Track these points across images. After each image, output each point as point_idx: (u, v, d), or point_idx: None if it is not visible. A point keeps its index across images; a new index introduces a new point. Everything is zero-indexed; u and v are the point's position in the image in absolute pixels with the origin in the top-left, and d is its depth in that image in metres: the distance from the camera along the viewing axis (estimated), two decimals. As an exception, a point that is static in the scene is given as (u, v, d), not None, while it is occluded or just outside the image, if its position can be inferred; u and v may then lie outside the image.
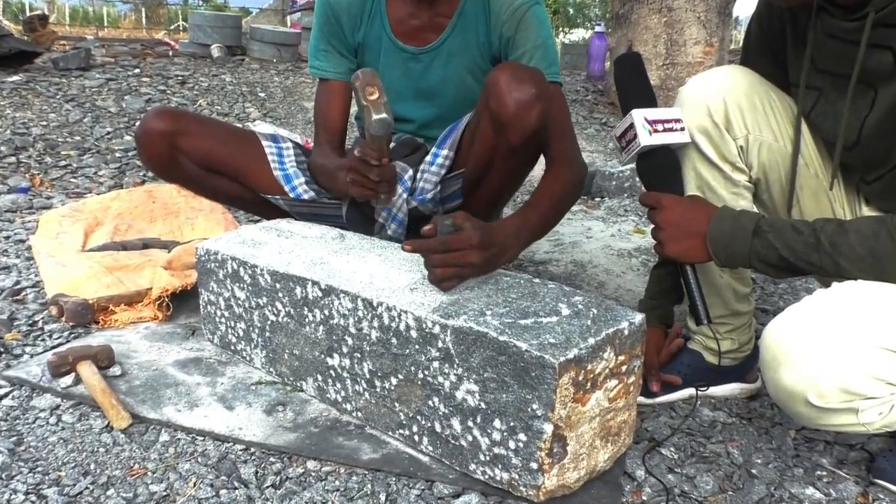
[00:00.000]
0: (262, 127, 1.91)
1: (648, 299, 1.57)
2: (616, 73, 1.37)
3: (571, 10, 19.63)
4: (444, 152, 1.67)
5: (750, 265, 1.22)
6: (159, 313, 1.80)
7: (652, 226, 1.29)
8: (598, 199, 3.30)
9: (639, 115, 1.29)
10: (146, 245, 2.14)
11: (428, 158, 1.70)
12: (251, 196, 1.82)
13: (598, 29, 6.75)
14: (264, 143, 1.81)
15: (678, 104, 1.40)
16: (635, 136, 1.30)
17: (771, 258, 1.18)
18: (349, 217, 1.76)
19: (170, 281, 1.83)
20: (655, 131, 1.30)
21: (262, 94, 4.95)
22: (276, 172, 1.77)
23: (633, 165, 3.39)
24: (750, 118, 1.35)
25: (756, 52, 1.43)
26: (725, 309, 1.51)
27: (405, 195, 1.69)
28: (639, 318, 1.18)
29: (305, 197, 1.75)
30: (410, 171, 1.72)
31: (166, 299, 1.81)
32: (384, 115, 1.34)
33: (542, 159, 1.64)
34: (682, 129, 1.32)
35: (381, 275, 1.36)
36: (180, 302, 1.85)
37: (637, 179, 3.32)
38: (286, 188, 1.76)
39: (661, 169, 1.33)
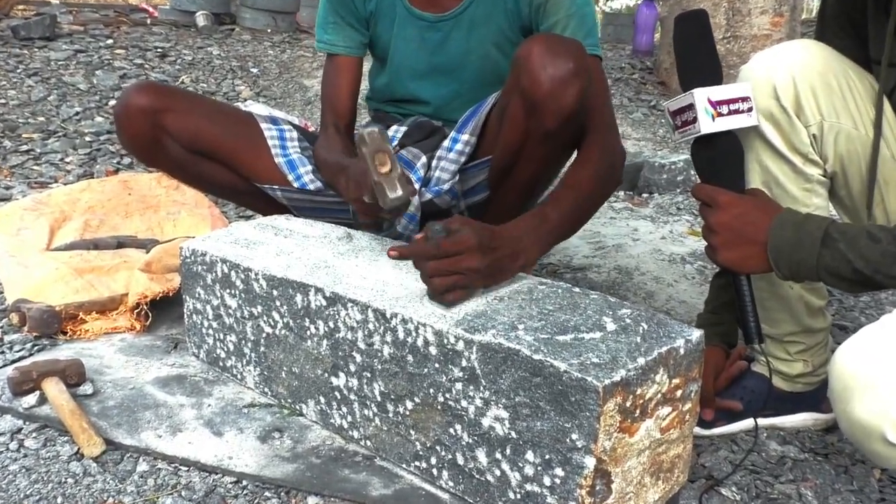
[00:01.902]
0: (255, 108, 1.93)
1: (708, 313, 1.57)
2: (676, 37, 1.33)
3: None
4: (465, 137, 1.68)
5: (818, 278, 1.20)
6: (136, 323, 1.82)
7: (705, 226, 1.28)
8: (645, 196, 3.29)
9: (701, 96, 1.26)
10: (121, 244, 2.17)
11: (446, 144, 1.71)
12: (245, 186, 1.84)
13: (647, -5, 6.73)
14: (263, 125, 1.83)
15: None
16: (695, 119, 1.27)
17: (843, 271, 1.17)
18: (355, 211, 1.77)
19: (149, 286, 1.84)
20: (719, 115, 1.27)
21: (255, 70, 4.99)
22: (278, 159, 1.79)
23: (687, 154, 3.38)
24: (825, 101, 1.35)
25: (833, 25, 1.42)
26: (796, 325, 1.50)
27: (417, 185, 1.70)
28: (696, 334, 1.17)
29: (312, 187, 1.77)
30: (424, 159, 1.73)
31: (145, 307, 1.83)
32: (399, 193, 1.32)
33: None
34: (750, 109, 1.28)
35: (395, 281, 1.36)
36: (161, 310, 1.87)
37: (693, 171, 3.32)
38: (290, 177, 1.77)
39: (720, 159, 1.31)
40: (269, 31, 6.43)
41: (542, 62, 1.45)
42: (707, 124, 1.26)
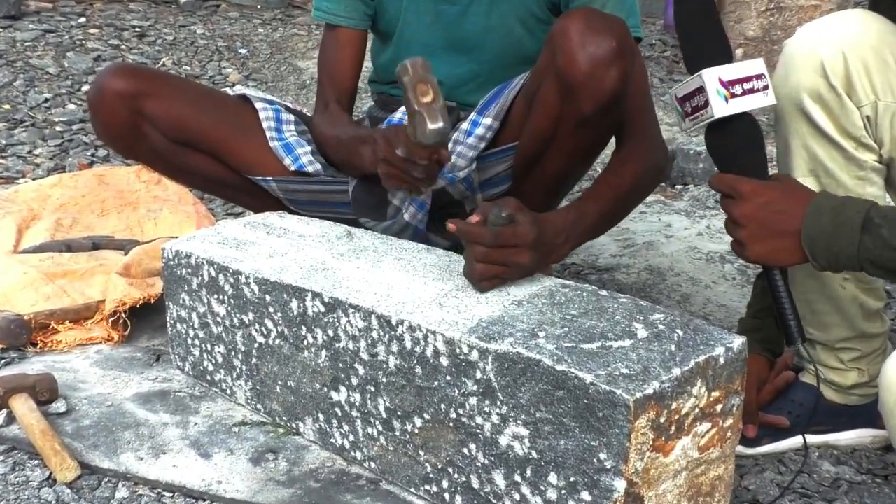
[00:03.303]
0: (245, 92, 1.93)
1: (750, 318, 1.56)
2: (677, 17, 1.34)
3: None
4: (487, 121, 1.68)
5: (861, 269, 1.20)
6: (114, 333, 1.83)
7: (728, 220, 1.28)
8: (679, 188, 3.28)
9: (711, 77, 1.26)
10: (97, 245, 2.17)
11: (464, 126, 1.71)
12: (234, 179, 1.84)
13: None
14: (258, 105, 1.84)
15: (782, 62, 1.39)
16: (706, 102, 1.26)
17: (886, 260, 1.17)
18: (356, 197, 1.78)
19: (127, 291, 1.85)
20: (733, 95, 1.26)
21: (244, 51, 4.99)
22: (273, 143, 1.79)
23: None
24: (879, 79, 1.34)
25: None
26: (850, 330, 1.50)
27: None
28: (738, 342, 1.17)
29: (310, 169, 1.77)
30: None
31: (123, 315, 1.83)
32: (441, 125, 1.37)
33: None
34: (766, 87, 1.28)
35: (401, 284, 1.37)
36: (141, 319, 1.87)
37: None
38: (286, 160, 1.78)
39: (739, 144, 1.31)
40: (258, 7, 6.44)
41: (581, 40, 1.45)
42: (720, 107, 1.26)
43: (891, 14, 1.39)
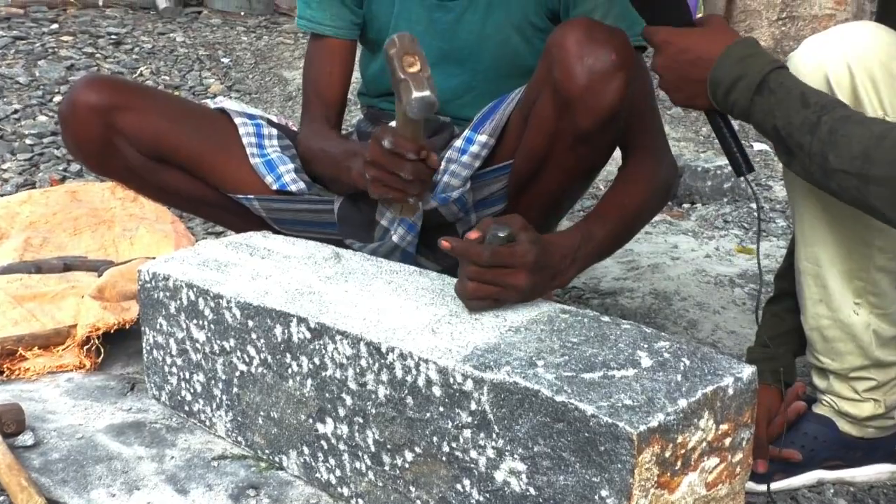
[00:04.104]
0: (226, 105, 1.94)
1: (760, 346, 1.57)
2: None
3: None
4: (483, 138, 1.69)
5: (754, 126, 1.33)
6: (86, 360, 1.83)
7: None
8: (686, 207, 3.30)
9: None
10: (68, 266, 2.18)
11: (458, 144, 1.72)
12: (214, 197, 1.85)
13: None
14: (237, 119, 1.85)
15: None
16: None
17: (766, 126, 1.29)
18: (342, 216, 1.78)
19: (101, 316, 1.85)
20: None
21: (226, 60, 5.01)
22: (254, 160, 1.80)
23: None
24: (888, 93, 1.36)
25: None
26: (865, 358, 1.50)
27: None
28: (747, 371, 1.18)
29: (293, 188, 1.78)
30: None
31: (96, 341, 1.83)
32: (427, 93, 1.38)
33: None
34: None
35: (391, 309, 1.37)
36: (115, 345, 1.88)
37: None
38: (268, 178, 1.78)
39: None
40: (242, 13, 6.47)
41: (578, 52, 1.47)
42: None
43: None
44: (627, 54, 1.48)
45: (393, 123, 1.82)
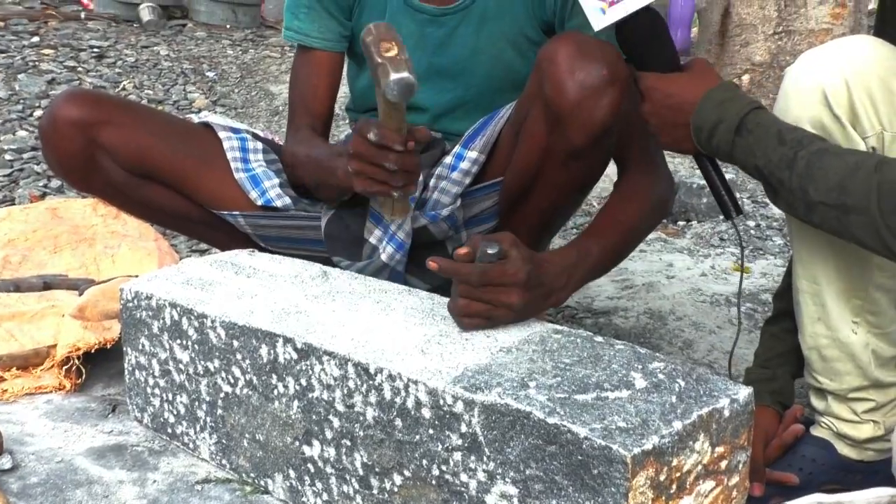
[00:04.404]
0: (211, 118, 1.94)
1: (758, 367, 1.57)
2: None
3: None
4: (473, 154, 1.70)
5: (736, 165, 1.37)
6: (66, 381, 1.82)
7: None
8: (681, 224, 3.31)
9: None
10: (48, 284, 2.17)
11: (448, 160, 1.72)
12: (198, 214, 1.85)
13: (681, -18, 6.80)
14: (221, 134, 1.85)
15: (783, 90, 1.43)
16: None
17: (748, 166, 1.34)
18: (329, 233, 1.78)
19: (82, 336, 1.85)
20: (613, 3, 1.41)
21: (211, 74, 5.03)
22: (238, 175, 1.80)
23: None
24: (885, 109, 1.37)
25: (895, 20, 1.44)
26: (863, 378, 1.51)
27: (411, 208, 1.71)
28: (744, 393, 1.18)
29: (278, 203, 1.78)
30: (420, 176, 1.75)
31: (76, 361, 1.83)
32: (405, 74, 1.39)
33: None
34: None
35: (380, 329, 1.37)
36: (96, 365, 1.87)
37: (741, 183, 3.34)
38: (252, 194, 1.79)
39: (637, 40, 1.46)
40: (227, 26, 6.48)
41: (569, 66, 1.48)
42: (598, 19, 1.42)
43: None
44: (619, 69, 1.49)
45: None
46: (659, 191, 1.65)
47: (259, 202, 1.78)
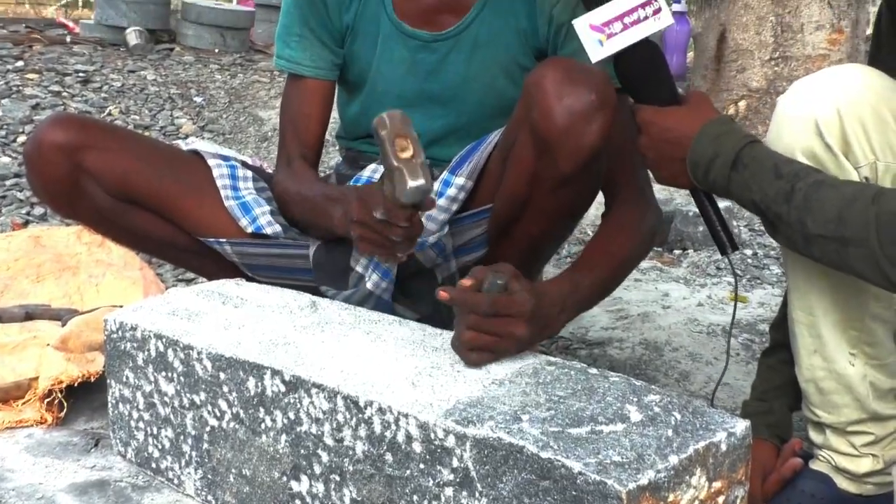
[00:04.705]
0: (199, 145, 1.95)
1: (755, 400, 1.58)
2: None
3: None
4: (460, 181, 1.70)
5: (736, 201, 1.38)
6: (48, 415, 1.81)
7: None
8: (677, 253, 3.32)
9: (581, 26, 1.43)
10: (30, 315, 2.17)
11: (436, 187, 1.73)
12: (185, 241, 1.85)
13: (676, 7, 6.86)
14: (211, 161, 1.85)
15: (775, 119, 1.43)
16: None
17: (745, 201, 1.35)
18: (317, 262, 1.79)
19: (64, 368, 1.84)
20: (612, 35, 1.43)
21: (199, 99, 5.04)
22: (228, 202, 1.80)
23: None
24: (878, 139, 1.37)
25: (890, 46, 1.46)
26: (862, 411, 1.51)
27: None
28: (741, 426, 1.18)
29: (269, 231, 1.79)
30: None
31: (59, 394, 1.82)
32: (421, 182, 1.40)
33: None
34: (658, 10, 1.43)
35: (370, 361, 1.37)
36: (79, 398, 1.86)
37: (737, 217, 3.35)
38: (243, 221, 1.79)
39: (635, 72, 1.47)
40: (216, 51, 6.51)
41: (557, 91, 1.48)
42: (597, 51, 1.43)
43: (890, 70, 1.43)
44: (608, 94, 1.50)
45: (372, 168, 1.83)
46: (648, 222, 1.66)
47: (249, 229, 1.79)
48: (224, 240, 1.80)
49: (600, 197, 1.69)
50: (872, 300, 1.44)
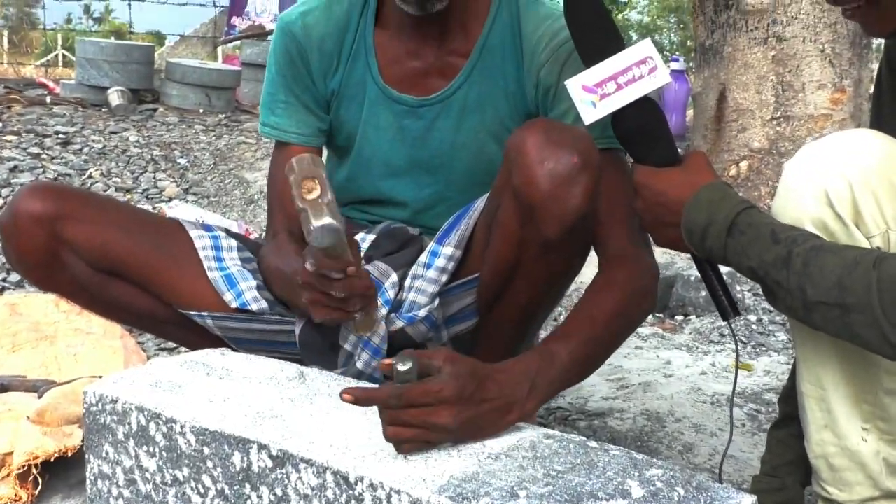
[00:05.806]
0: (181, 210, 1.97)
1: (766, 476, 1.57)
2: (566, 9, 1.54)
3: (634, 35, 20.16)
4: (448, 251, 1.71)
5: (731, 267, 1.39)
6: (22, 492, 1.80)
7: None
8: (679, 319, 3.32)
9: (574, 87, 1.46)
10: (5, 387, 2.16)
11: (423, 258, 1.74)
12: (166, 313, 1.85)
13: (674, 66, 6.95)
14: (192, 232, 1.86)
15: (782, 189, 1.43)
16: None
17: (742, 267, 1.35)
18: (304, 341, 1.78)
19: (40, 442, 1.83)
20: (604, 95, 1.45)
21: (183, 161, 5.06)
22: (212, 274, 1.81)
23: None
24: (890, 207, 1.38)
25: (892, 107, 1.48)
26: (875, 488, 1.50)
27: (385, 311, 1.72)
28: (747, 502, 1.18)
29: (254, 307, 1.79)
30: (394, 276, 1.75)
31: (34, 470, 1.81)
32: (327, 220, 1.39)
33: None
34: (654, 68, 1.45)
35: (360, 434, 1.37)
36: (55, 475, 1.85)
37: (741, 287, 3.36)
38: (227, 295, 1.79)
39: (631, 135, 1.51)
40: (201, 111, 6.56)
41: (539, 155, 1.49)
42: (590, 113, 1.46)
43: (893, 126, 1.44)
44: (590, 155, 1.51)
45: (360, 237, 1.84)
46: (637, 282, 1.61)
47: (234, 304, 1.78)
48: (206, 313, 1.80)
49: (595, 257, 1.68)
50: (884, 374, 1.43)
